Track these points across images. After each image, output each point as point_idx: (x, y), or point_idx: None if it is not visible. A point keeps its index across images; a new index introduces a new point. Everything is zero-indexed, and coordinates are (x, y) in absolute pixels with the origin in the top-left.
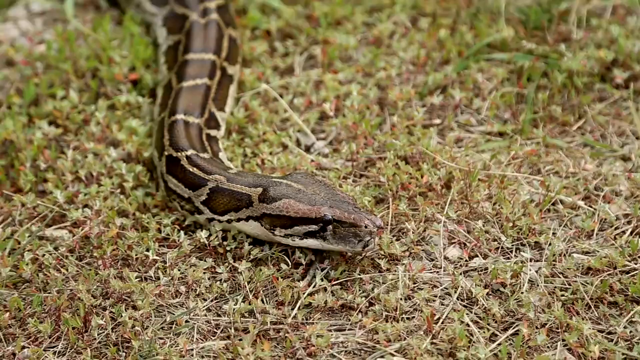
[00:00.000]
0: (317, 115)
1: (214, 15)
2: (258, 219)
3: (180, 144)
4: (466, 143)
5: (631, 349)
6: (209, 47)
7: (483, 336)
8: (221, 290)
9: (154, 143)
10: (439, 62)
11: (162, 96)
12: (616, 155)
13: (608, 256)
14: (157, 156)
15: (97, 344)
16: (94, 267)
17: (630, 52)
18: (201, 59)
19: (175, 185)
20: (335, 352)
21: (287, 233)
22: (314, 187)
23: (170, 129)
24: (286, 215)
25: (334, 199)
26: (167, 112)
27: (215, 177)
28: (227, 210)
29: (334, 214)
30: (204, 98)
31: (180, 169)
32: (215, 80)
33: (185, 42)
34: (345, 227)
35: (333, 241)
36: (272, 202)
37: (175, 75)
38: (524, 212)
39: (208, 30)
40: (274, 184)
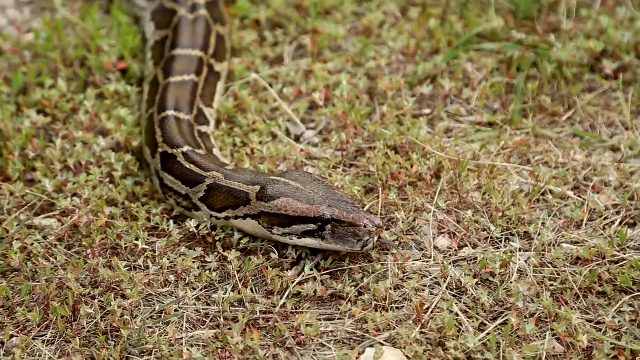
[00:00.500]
0: (307, 105)
1: (203, 11)
2: (256, 217)
3: (175, 140)
4: (456, 133)
5: (619, 338)
6: (196, 44)
7: (472, 325)
8: (210, 279)
9: (144, 139)
10: (428, 51)
11: (148, 92)
12: (605, 146)
13: (597, 246)
14: (150, 153)
15: (86, 333)
16: (82, 255)
17: (620, 43)
18: (188, 55)
19: (172, 182)
20: (324, 341)
21: (285, 232)
22: (312, 186)
23: (161, 125)
24: (284, 214)
25: (333, 197)
26: (155, 108)
27: (213, 173)
28: (225, 207)
29: (333, 213)
30: (192, 94)
31: (176, 165)
32: (202, 77)
33: (172, 38)
34: (344, 227)
35: (331, 240)
36: (270, 200)
37: (162, 70)
38: (513, 202)
39: (196, 26)
40: (272, 182)
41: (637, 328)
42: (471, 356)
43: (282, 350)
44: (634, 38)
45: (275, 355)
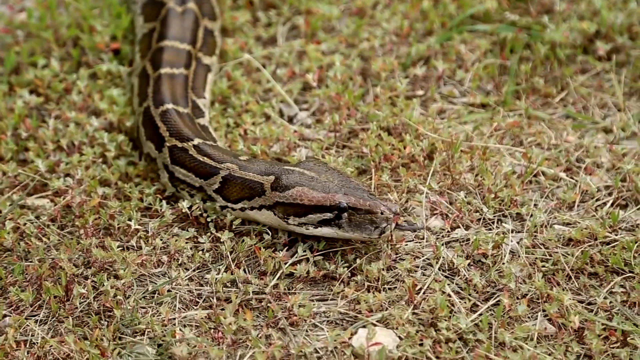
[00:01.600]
0: (300, 86)
1: (191, 5)
2: (271, 207)
3: (184, 134)
4: (449, 114)
5: (611, 319)
6: (184, 37)
7: (464, 306)
8: (203, 260)
9: (144, 134)
10: (422, 33)
11: (139, 85)
12: (598, 127)
13: (589, 227)
14: (155, 147)
15: (79, 313)
16: (75, 236)
17: (613, 24)
18: (176, 47)
19: (185, 175)
20: (317, 322)
21: (301, 221)
22: (327, 175)
23: (164, 119)
24: (300, 204)
25: (348, 186)
26: (151, 102)
27: (227, 165)
28: (241, 198)
29: (349, 201)
30: (184, 88)
31: (189, 158)
32: (191, 70)
33: (160, 30)
34: (361, 215)
35: (348, 229)
36: (285, 190)
37: (150, 63)
38: (505, 184)
39: (184, 20)
40: (287, 172)
41: (629, 309)
42: (463, 337)
43: (274, 331)
44: (627, 19)
45: (268, 336)
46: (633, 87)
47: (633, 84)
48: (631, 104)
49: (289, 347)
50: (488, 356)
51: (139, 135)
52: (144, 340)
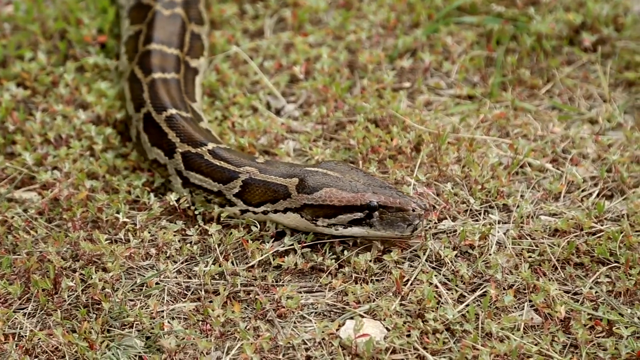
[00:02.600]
0: (288, 78)
1: (178, 9)
2: (298, 210)
3: (196, 139)
4: (436, 106)
5: (596, 309)
6: (172, 41)
7: (451, 297)
8: (191, 253)
9: (149, 141)
10: (408, 25)
11: (130, 90)
12: (584, 118)
13: (575, 218)
14: (163, 154)
15: (67, 306)
16: (63, 229)
17: (599, 15)
18: (164, 52)
19: (201, 180)
20: (305, 314)
21: (330, 223)
22: (352, 174)
23: (171, 125)
24: (330, 205)
25: (375, 184)
26: (151, 107)
27: (247, 168)
28: (263, 202)
29: (380, 199)
30: (179, 92)
31: (205, 164)
32: (181, 74)
33: (146, 32)
34: (392, 212)
35: (380, 227)
36: (313, 192)
37: (139, 67)
38: (492, 175)
39: (171, 24)
40: (311, 173)
41: (614, 299)
42: (450, 327)
43: (263, 323)
44: (612, 11)
45: (256, 328)
46: (618, 78)
47: (618, 75)
48: (617, 95)
49: (277, 339)
50: (475, 346)
51: (140, 142)
52: (132, 333)
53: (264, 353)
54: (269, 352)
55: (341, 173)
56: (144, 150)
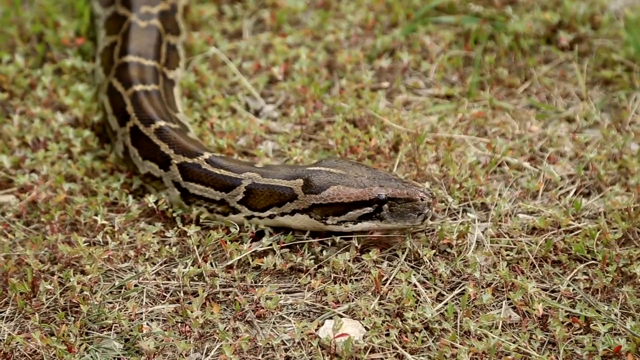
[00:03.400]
0: (266, 79)
1: (154, 21)
2: (306, 211)
3: (191, 149)
4: (414, 106)
5: (574, 306)
6: (148, 53)
7: (430, 296)
8: (170, 255)
9: (139, 155)
10: (387, 25)
11: (111, 104)
12: (561, 117)
13: (552, 216)
14: (157, 166)
15: (46, 309)
16: (41, 232)
17: (575, 14)
18: (141, 64)
19: (202, 190)
20: (284, 314)
21: (340, 220)
22: (355, 169)
23: (162, 137)
24: (339, 202)
25: (380, 177)
26: (137, 121)
27: (248, 174)
28: (269, 206)
29: (388, 192)
30: (162, 104)
31: (204, 173)
32: (160, 86)
33: (122, 44)
34: (401, 203)
35: (391, 220)
36: (321, 191)
37: (118, 79)
38: (470, 174)
39: (147, 35)
40: (315, 173)
41: (591, 296)
42: (429, 326)
43: (242, 324)
44: (589, 9)
45: (236, 329)
46: (595, 77)
47: (595, 74)
48: (594, 93)
49: (256, 340)
50: (453, 345)
51: (129, 156)
52: (111, 335)
53: (243, 354)
54: (248, 352)
55: (344, 169)
56: (135, 165)
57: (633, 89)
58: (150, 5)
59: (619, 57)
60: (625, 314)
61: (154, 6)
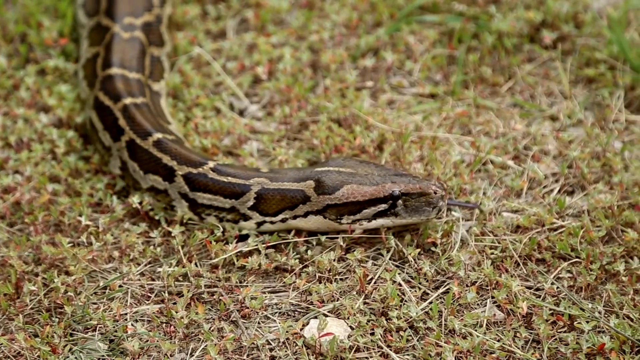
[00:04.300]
0: (250, 79)
1: (138, 32)
2: (320, 212)
3: (195, 159)
4: (398, 105)
5: (558, 304)
6: (132, 65)
7: (415, 295)
8: (155, 255)
9: (140, 168)
10: (371, 24)
11: (101, 119)
12: (545, 115)
13: (536, 214)
14: (161, 179)
15: (30, 310)
16: (25, 233)
17: (559, 13)
18: (125, 76)
19: (210, 199)
20: (269, 314)
21: (355, 219)
22: (364, 167)
23: (163, 149)
24: (354, 201)
25: (390, 173)
26: (133, 134)
27: (257, 180)
28: (281, 209)
29: (401, 188)
30: (154, 116)
31: (212, 182)
32: (148, 98)
33: (104, 55)
34: (415, 198)
35: (406, 215)
36: (335, 191)
37: (104, 93)
38: (455, 173)
39: (130, 46)
40: (325, 174)
41: (575, 294)
42: (414, 325)
43: (227, 324)
44: (572, 8)
45: (220, 329)
46: (579, 75)
47: (579, 72)
48: (577, 92)
49: (241, 340)
50: (438, 343)
51: (128, 172)
52: (96, 336)
53: (228, 354)
54: (233, 352)
55: (353, 168)
56: (135, 180)
57: (616, 87)
58: (134, 16)
59: (602, 55)
60: (609, 311)
61: (138, 17)
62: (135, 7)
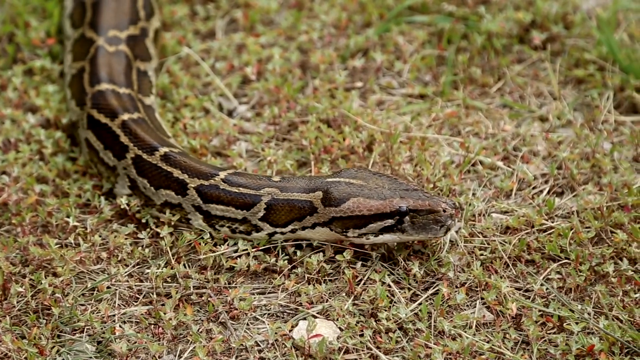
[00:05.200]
0: (239, 79)
1: (122, 46)
2: (326, 224)
3: (206, 171)
4: (388, 105)
5: (547, 305)
6: (120, 81)
7: (404, 296)
8: (143, 256)
9: (150, 184)
10: (360, 25)
11: (100, 138)
12: (534, 116)
13: (526, 215)
14: (174, 193)
15: (17, 312)
16: (12, 234)
17: (548, 14)
18: (116, 91)
19: (224, 210)
20: (258, 315)
21: (361, 233)
22: (375, 180)
23: (172, 163)
24: (359, 215)
25: (401, 188)
26: (139, 150)
27: (267, 190)
28: (290, 221)
29: (409, 204)
30: (153, 130)
31: (223, 193)
32: (142, 112)
33: (90, 70)
34: (423, 215)
35: (413, 232)
36: (341, 203)
37: (97, 110)
38: (444, 173)
39: (116, 61)
40: (334, 185)
41: (564, 295)
42: (403, 326)
43: (215, 325)
44: (562, 9)
45: (209, 330)
46: (568, 76)
47: (568, 73)
48: (566, 93)
49: (230, 341)
50: (427, 345)
51: (138, 189)
52: (83, 338)
53: (217, 355)
54: (222, 354)
55: (364, 180)
56: (148, 197)
57: (605, 88)
58: (119, 29)
59: (591, 56)
60: (599, 312)
61: (123, 30)
62: (119, 19)
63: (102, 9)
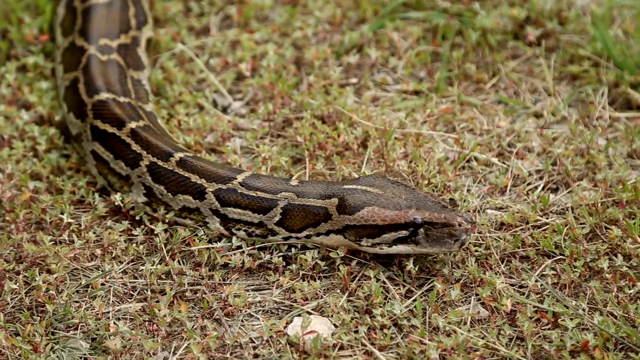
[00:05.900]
0: (234, 76)
1: (114, 55)
2: (340, 231)
3: (223, 174)
4: (382, 102)
5: (542, 301)
6: (116, 89)
7: (398, 293)
8: (137, 253)
9: (167, 190)
10: (355, 21)
11: (110, 148)
12: (529, 112)
13: (520, 211)
14: (192, 198)
15: (11, 309)
16: (6, 231)
17: (542, 10)
18: (116, 100)
19: (240, 214)
20: (252, 312)
21: (374, 242)
22: (393, 189)
23: (188, 168)
24: (373, 224)
25: (417, 198)
26: (153, 158)
27: (284, 194)
28: (305, 226)
29: (424, 216)
30: (162, 136)
31: (241, 197)
32: (146, 120)
33: (85, 80)
34: (438, 228)
35: (426, 244)
36: (355, 212)
37: (102, 121)
38: (439, 170)
39: (109, 70)
40: (350, 192)
41: (559, 291)
42: (398, 323)
43: (210, 322)
44: (556, 5)
45: (204, 327)
46: (563, 72)
47: (563, 69)
48: (561, 89)
49: (225, 338)
50: (422, 341)
51: (155, 197)
52: (78, 335)
53: (211, 352)
54: (216, 351)
55: (381, 189)
56: (165, 203)
57: (600, 84)
58: (109, 38)
59: (586, 52)
60: (593, 308)
61: (114, 40)
62: (110, 28)
63: (93, 17)
